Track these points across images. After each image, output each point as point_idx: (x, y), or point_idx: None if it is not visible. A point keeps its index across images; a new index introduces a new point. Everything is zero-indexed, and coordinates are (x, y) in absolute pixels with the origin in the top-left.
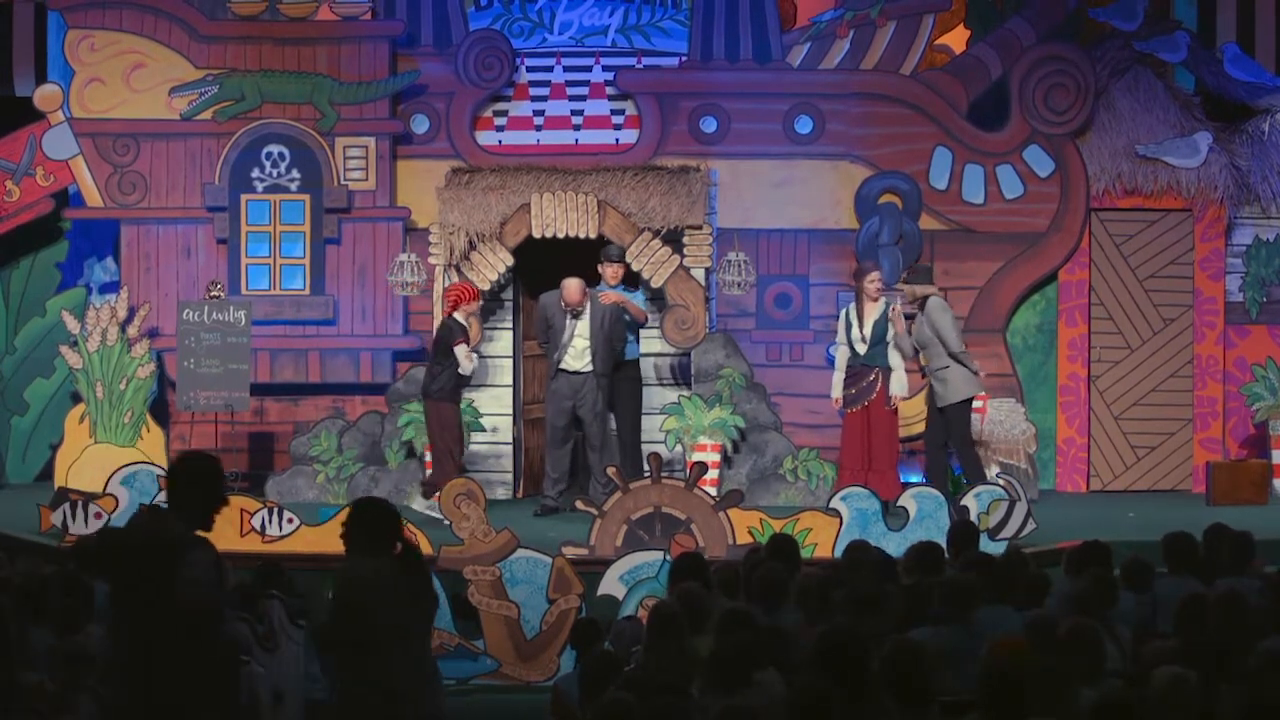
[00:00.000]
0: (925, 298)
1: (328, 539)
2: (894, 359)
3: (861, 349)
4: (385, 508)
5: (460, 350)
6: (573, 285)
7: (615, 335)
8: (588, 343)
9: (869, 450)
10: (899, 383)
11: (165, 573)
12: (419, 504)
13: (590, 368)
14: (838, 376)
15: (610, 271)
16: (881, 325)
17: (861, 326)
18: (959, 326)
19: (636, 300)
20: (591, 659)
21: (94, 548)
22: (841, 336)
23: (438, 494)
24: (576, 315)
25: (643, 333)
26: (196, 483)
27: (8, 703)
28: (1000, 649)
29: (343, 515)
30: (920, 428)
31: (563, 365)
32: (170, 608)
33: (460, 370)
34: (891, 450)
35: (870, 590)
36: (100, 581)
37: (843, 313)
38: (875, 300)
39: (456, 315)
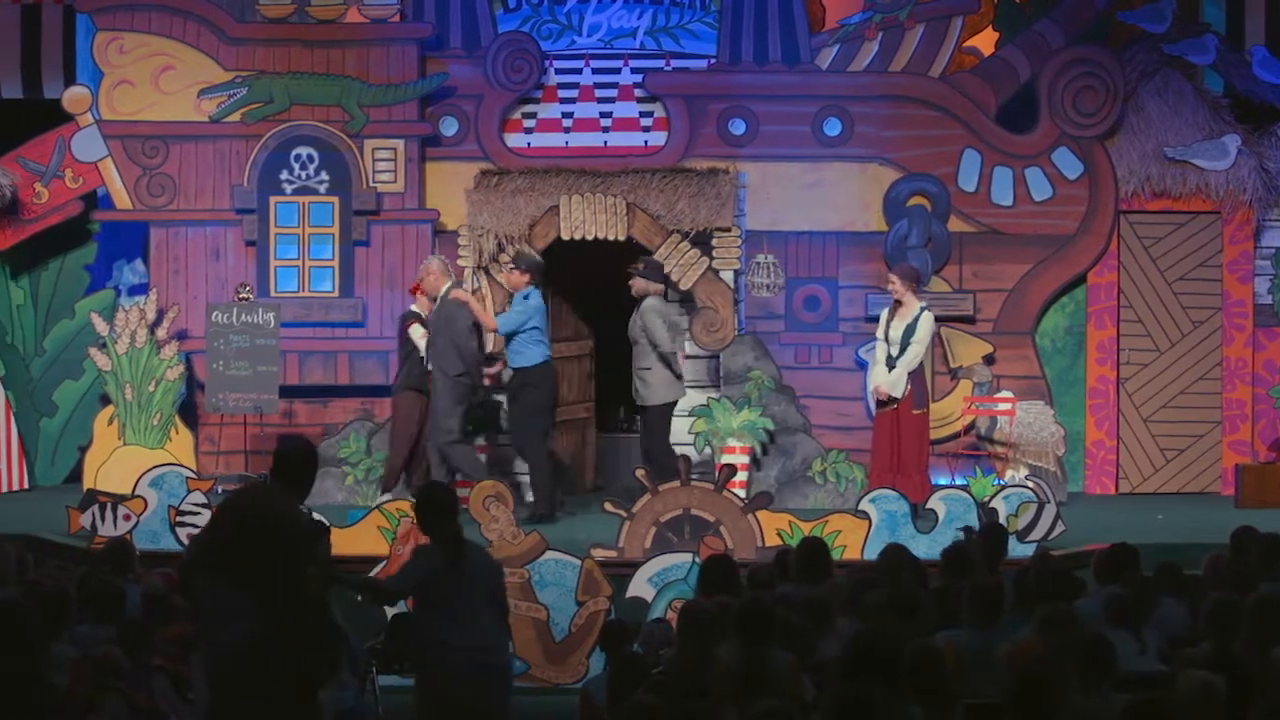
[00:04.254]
0: (646, 294)
1: (356, 541)
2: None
3: (893, 350)
4: (449, 490)
5: (414, 330)
6: (428, 266)
7: (456, 334)
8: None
9: (898, 452)
10: (882, 375)
11: (294, 555)
12: (381, 498)
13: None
14: (878, 369)
15: (512, 279)
16: (912, 327)
17: (889, 328)
18: (676, 329)
19: (518, 307)
20: (620, 661)
21: (226, 510)
22: (880, 333)
23: (392, 487)
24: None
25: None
26: (306, 463)
27: (37, 704)
28: (1020, 651)
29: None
30: (947, 430)
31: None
32: (291, 585)
33: (418, 350)
34: (920, 453)
35: (905, 594)
36: (129, 584)
37: (883, 311)
38: (904, 302)
39: (413, 306)
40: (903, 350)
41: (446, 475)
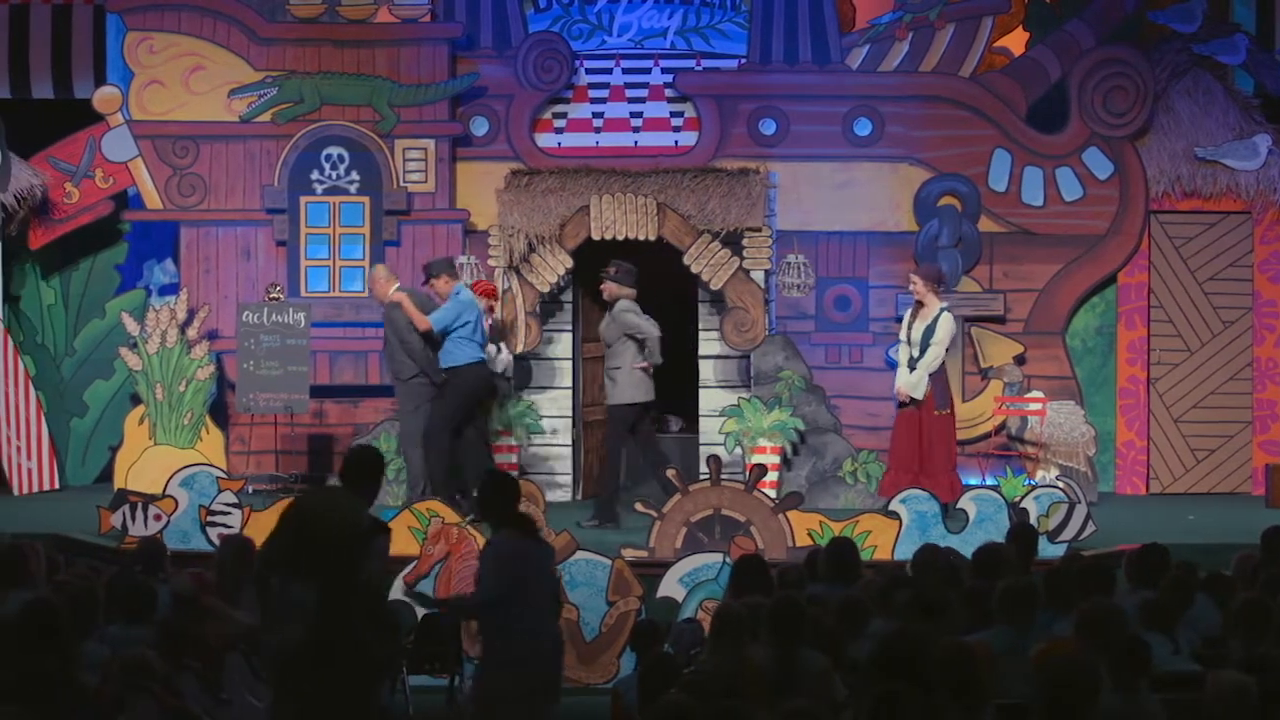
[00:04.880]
0: (618, 299)
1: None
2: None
3: (914, 351)
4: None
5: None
6: (374, 275)
7: (400, 335)
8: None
9: (921, 453)
10: (904, 376)
11: (357, 553)
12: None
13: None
14: (900, 370)
15: (436, 286)
16: (932, 328)
17: (910, 329)
18: (656, 329)
19: (449, 304)
20: (651, 662)
21: (292, 510)
22: (902, 335)
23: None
24: None
25: (703, 334)
26: (371, 468)
27: (67, 703)
28: (1051, 651)
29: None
30: (978, 430)
31: None
32: (353, 581)
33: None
34: (946, 453)
35: (935, 594)
36: (160, 584)
37: (906, 313)
38: (925, 303)
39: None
40: (923, 351)
41: (426, 480)
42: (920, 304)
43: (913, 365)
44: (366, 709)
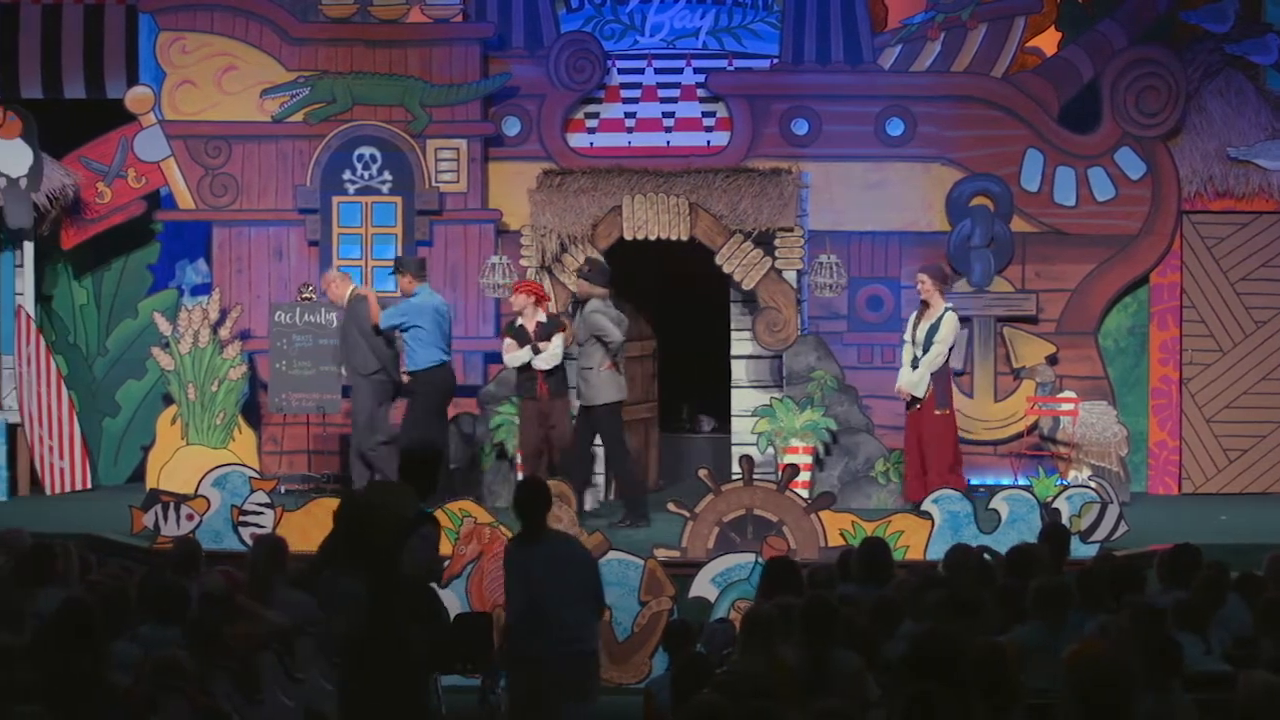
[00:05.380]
0: (589, 297)
1: None
2: (925, 359)
3: (918, 351)
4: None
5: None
6: (327, 276)
7: (362, 329)
8: None
9: (922, 453)
10: (905, 375)
11: (398, 540)
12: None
13: None
14: (903, 369)
15: (400, 283)
16: (936, 327)
17: (915, 328)
18: (620, 326)
19: (401, 306)
20: (684, 662)
21: (345, 505)
22: (907, 334)
23: None
24: None
25: (735, 334)
26: (427, 464)
27: (99, 703)
28: (1083, 651)
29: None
30: (1010, 430)
31: None
32: (395, 567)
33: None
34: (944, 453)
35: (968, 594)
36: (191, 583)
37: (912, 313)
38: (931, 303)
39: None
40: (926, 350)
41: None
42: (926, 303)
43: (916, 364)
44: (410, 703)
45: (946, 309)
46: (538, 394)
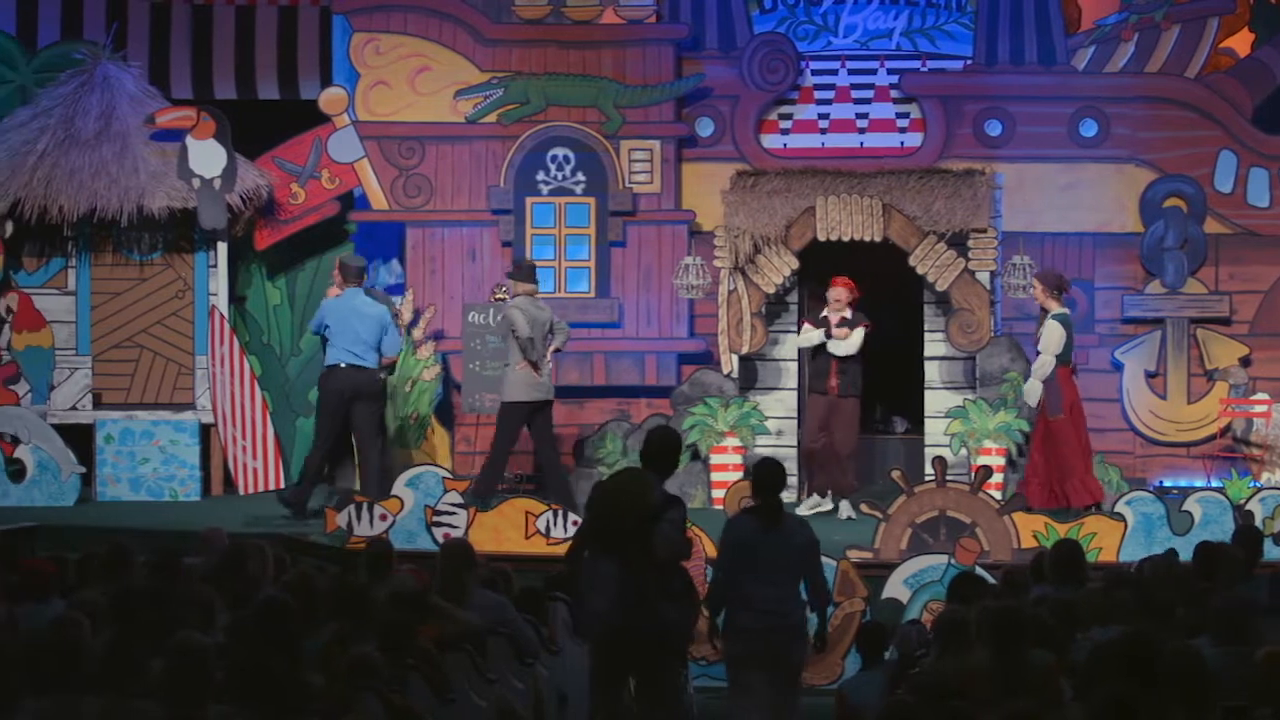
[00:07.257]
0: (514, 295)
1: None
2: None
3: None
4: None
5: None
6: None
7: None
8: None
9: (1046, 460)
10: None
11: (649, 522)
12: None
13: None
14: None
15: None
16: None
17: (1038, 335)
18: (536, 324)
19: (320, 307)
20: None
21: (597, 492)
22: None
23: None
24: None
25: (928, 335)
26: (665, 447)
27: (294, 703)
28: (1277, 655)
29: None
30: (1204, 432)
31: None
32: (646, 550)
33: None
34: (1063, 458)
35: (1162, 597)
36: (382, 583)
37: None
38: (1046, 309)
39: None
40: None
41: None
42: (1045, 310)
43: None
44: (664, 682)
45: (1050, 316)
46: (827, 388)
